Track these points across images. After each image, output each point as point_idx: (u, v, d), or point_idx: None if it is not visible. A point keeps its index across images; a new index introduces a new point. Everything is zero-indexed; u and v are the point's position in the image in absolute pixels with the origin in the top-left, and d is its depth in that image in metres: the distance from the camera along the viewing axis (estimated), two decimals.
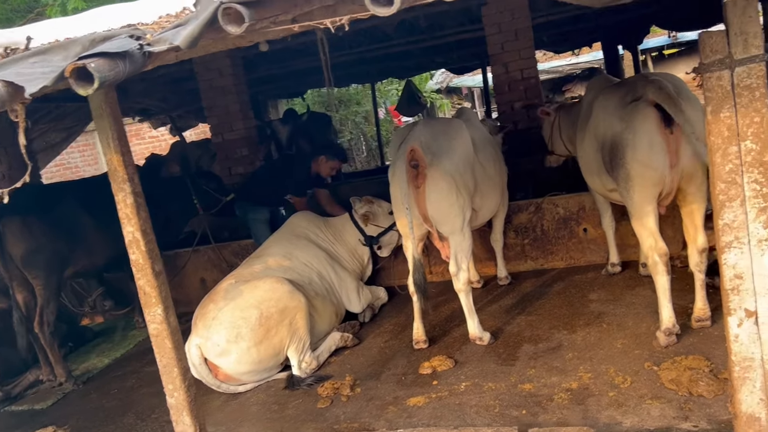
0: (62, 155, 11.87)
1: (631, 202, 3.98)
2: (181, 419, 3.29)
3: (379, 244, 5.72)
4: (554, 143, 5.63)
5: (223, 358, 4.42)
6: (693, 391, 3.40)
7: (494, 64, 7.03)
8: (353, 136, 17.49)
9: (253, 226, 6.42)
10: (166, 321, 3.22)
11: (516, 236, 6.01)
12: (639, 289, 4.96)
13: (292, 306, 4.63)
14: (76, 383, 5.25)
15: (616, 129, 3.95)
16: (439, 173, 4.27)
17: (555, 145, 5.63)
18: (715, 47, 2.49)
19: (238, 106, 7.68)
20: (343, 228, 5.71)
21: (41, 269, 5.06)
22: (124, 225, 3.17)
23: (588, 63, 15.22)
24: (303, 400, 4.23)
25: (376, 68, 10.91)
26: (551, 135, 5.64)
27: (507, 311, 5.12)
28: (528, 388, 3.82)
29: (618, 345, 4.14)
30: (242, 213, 6.47)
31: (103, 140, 3.07)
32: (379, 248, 5.74)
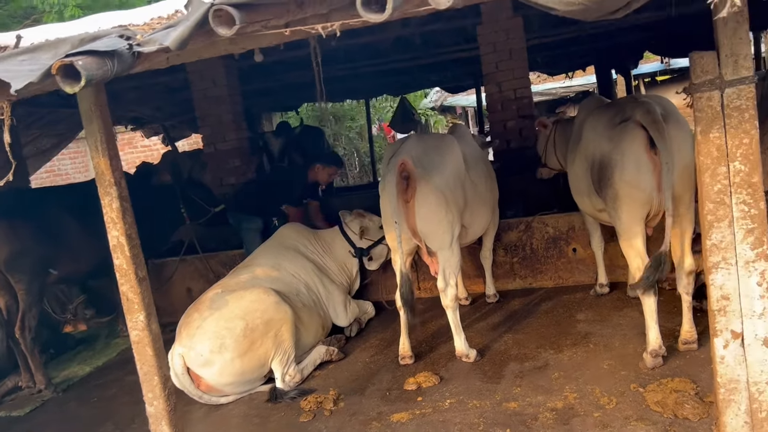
0: (53, 161, 11.80)
1: (619, 223, 3.98)
2: (160, 429, 3.23)
3: (370, 256, 5.69)
4: (548, 156, 5.66)
5: (206, 369, 4.37)
6: (678, 413, 3.38)
7: (488, 83, 7.07)
8: (346, 152, 17.50)
9: (245, 235, 6.38)
10: (148, 328, 3.18)
11: (505, 254, 6.00)
12: (627, 311, 4.95)
13: (278, 318, 4.59)
14: (55, 391, 5.17)
15: (605, 149, 3.97)
16: (429, 188, 4.26)
17: (548, 158, 5.66)
18: (706, 68, 2.50)
19: (231, 116, 7.68)
20: (333, 241, 5.69)
21: (25, 273, 5.00)
22: (109, 229, 3.13)
23: (581, 86, 15.35)
24: (285, 414, 4.18)
25: (371, 84, 10.96)
26: (546, 148, 5.66)
27: (494, 329, 5.09)
28: (513, 406, 3.79)
29: (604, 366, 4.12)
30: (236, 222, 6.44)
31: (92, 143, 3.04)
32: (369, 259, 5.71)
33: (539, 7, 1.94)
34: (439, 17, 6.95)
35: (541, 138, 5.76)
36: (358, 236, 5.64)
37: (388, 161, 4.48)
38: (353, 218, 5.70)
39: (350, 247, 5.63)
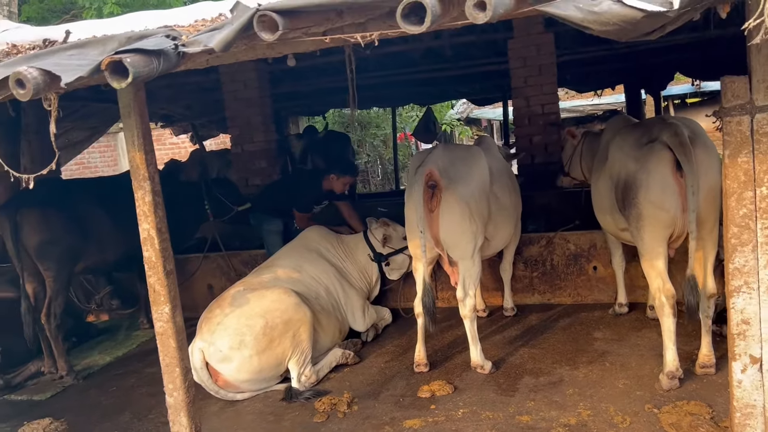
0: (83, 154, 12.03)
1: (641, 243, 3.99)
2: (178, 419, 3.30)
3: (388, 262, 5.73)
4: (572, 166, 5.69)
5: (224, 364, 4.44)
6: None
7: (516, 98, 7.10)
8: (370, 159, 17.60)
9: (266, 236, 6.46)
10: (172, 320, 3.25)
11: (525, 268, 6.01)
12: (645, 331, 4.94)
13: (297, 318, 4.65)
14: (76, 378, 5.27)
15: (631, 169, 3.98)
16: (454, 198, 4.31)
17: (573, 168, 5.68)
18: (737, 92, 2.52)
19: (260, 118, 7.80)
20: (356, 246, 5.74)
21: (54, 262, 5.12)
22: (140, 222, 3.22)
23: (610, 105, 15.28)
24: (299, 413, 4.23)
25: (398, 93, 11.03)
26: (571, 157, 5.69)
27: (510, 342, 5.10)
28: (526, 420, 3.80)
29: (620, 385, 4.12)
30: (257, 223, 6.53)
31: (129, 138, 3.13)
32: (387, 265, 5.75)
33: (575, 25, 1.98)
34: (472, 30, 7.02)
35: (568, 147, 5.78)
36: (380, 243, 5.69)
37: (414, 170, 4.53)
38: (378, 226, 5.75)
39: (371, 252, 5.68)
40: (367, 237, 5.74)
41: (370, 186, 17.07)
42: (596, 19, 1.90)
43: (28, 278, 5.20)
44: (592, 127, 5.66)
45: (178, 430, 3.31)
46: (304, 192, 6.31)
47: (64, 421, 4.41)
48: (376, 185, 17.23)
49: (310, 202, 6.31)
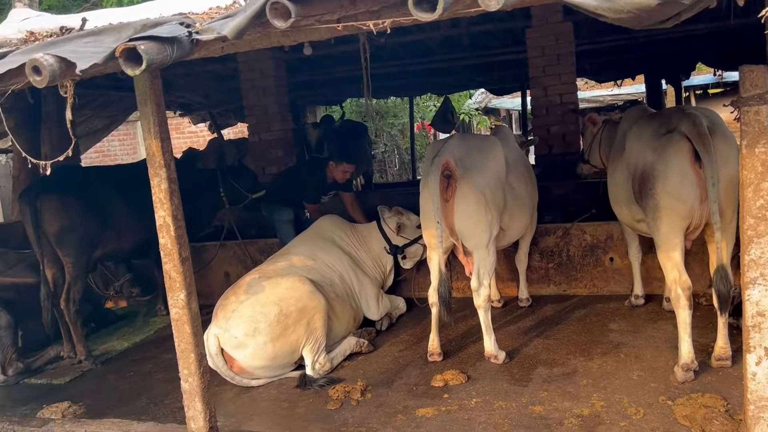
0: (102, 142, 12.16)
1: (658, 234, 3.95)
2: (193, 405, 3.34)
3: (404, 254, 5.74)
4: (591, 154, 5.63)
5: (239, 351, 4.48)
6: (706, 429, 3.35)
7: (534, 87, 7.05)
8: (387, 148, 17.58)
9: (277, 226, 6.50)
10: (188, 306, 3.29)
11: (541, 259, 5.99)
12: (661, 323, 4.91)
13: (311, 306, 4.68)
14: (94, 363, 5.35)
15: (648, 159, 3.94)
16: (469, 187, 4.29)
17: (592, 155, 5.62)
18: (756, 82, 2.49)
19: (277, 107, 7.82)
20: (370, 235, 5.76)
21: (73, 248, 5.19)
22: (156, 209, 3.25)
23: (630, 95, 15.12)
24: (313, 400, 4.26)
25: (416, 82, 11.00)
26: (591, 144, 5.63)
27: (525, 333, 5.09)
28: (539, 410, 3.80)
29: (634, 376, 4.10)
30: (268, 213, 6.56)
31: (145, 126, 3.16)
32: (403, 258, 5.77)
33: (589, 13, 1.96)
34: (489, 18, 6.97)
35: (588, 134, 5.72)
36: (394, 233, 5.69)
37: (431, 160, 4.52)
38: (391, 215, 5.75)
39: (386, 244, 5.69)
40: (381, 226, 5.74)
41: (387, 176, 17.08)
42: (610, 7, 1.88)
43: (47, 264, 5.28)
44: (612, 116, 5.57)
45: (193, 415, 3.35)
46: (309, 182, 6.32)
47: (82, 405, 4.49)
48: (393, 175, 17.22)
49: (316, 193, 6.32)
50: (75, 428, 3.80)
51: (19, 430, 3.86)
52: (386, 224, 5.73)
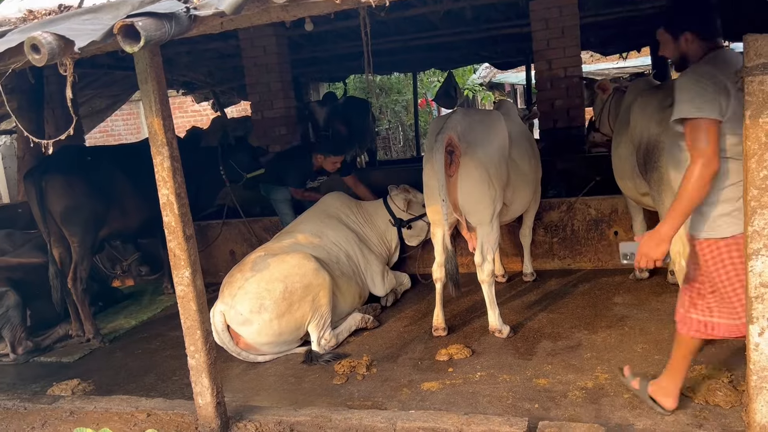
0: (106, 122, 12.19)
1: (662, 206, 3.94)
2: (200, 380, 3.37)
3: (409, 226, 5.74)
4: (602, 122, 5.62)
5: (245, 327, 4.52)
6: (710, 400, 3.37)
7: (538, 61, 6.99)
8: (391, 125, 17.51)
9: (276, 205, 6.51)
10: (192, 284, 3.30)
11: (545, 234, 5.99)
12: (665, 296, 4.91)
13: (316, 283, 4.70)
14: (102, 341, 5.40)
15: (653, 132, 3.92)
16: (472, 163, 4.28)
17: (602, 124, 5.61)
18: (760, 51, 2.45)
19: (280, 85, 7.78)
20: (375, 212, 5.76)
21: (79, 227, 5.21)
22: (159, 187, 3.25)
23: (635, 68, 14.95)
24: (319, 375, 4.30)
25: (419, 57, 10.92)
26: (601, 113, 5.62)
27: (529, 307, 5.12)
28: (543, 383, 3.83)
29: (638, 349, 4.12)
30: (265, 192, 6.54)
31: (146, 104, 3.15)
32: (409, 228, 5.76)
33: None
34: None
35: (598, 102, 5.70)
36: (402, 210, 5.69)
37: (434, 136, 4.49)
38: (398, 192, 5.75)
39: (391, 217, 5.69)
40: (387, 203, 5.74)
41: (392, 152, 17.03)
42: None
43: (54, 243, 5.31)
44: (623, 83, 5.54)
45: (200, 390, 3.39)
46: (294, 168, 6.31)
47: (91, 382, 4.55)
48: (398, 152, 17.17)
49: (300, 179, 6.31)
50: (84, 405, 3.85)
51: (30, 407, 3.92)
52: (393, 201, 5.73)
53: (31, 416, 3.82)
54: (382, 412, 3.40)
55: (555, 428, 3.01)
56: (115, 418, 3.63)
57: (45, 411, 3.84)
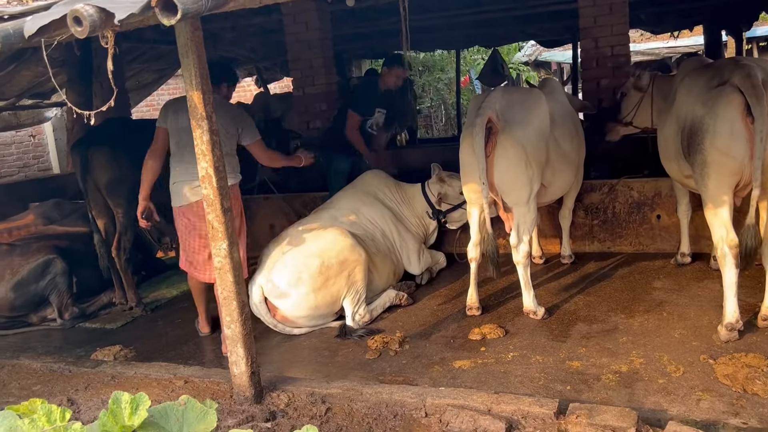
0: (153, 96, 12.37)
1: (705, 190, 3.84)
2: (235, 350, 3.45)
3: (446, 220, 5.71)
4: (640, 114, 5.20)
5: (282, 300, 4.59)
6: (748, 388, 3.30)
7: (584, 38, 6.83)
8: (433, 103, 17.38)
9: (330, 177, 6.44)
10: (229, 256, 3.36)
11: (585, 216, 5.89)
12: (707, 282, 4.81)
13: (352, 259, 4.74)
14: (145, 309, 5.56)
15: (698, 113, 3.80)
16: (509, 141, 4.23)
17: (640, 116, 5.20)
18: None
19: (321, 61, 7.77)
20: (413, 197, 5.71)
21: (123, 198, 5.33)
22: (199, 161, 3.30)
23: (687, 47, 14.47)
24: (352, 350, 4.35)
25: (463, 34, 10.75)
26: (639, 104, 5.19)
27: (566, 289, 5.07)
28: (576, 365, 3.80)
29: (676, 335, 4.05)
30: (326, 161, 6.42)
31: (187, 77, 3.19)
32: (445, 223, 5.74)
33: None
34: None
35: (632, 95, 5.28)
36: (435, 200, 5.64)
37: (473, 114, 4.45)
38: (435, 181, 5.67)
39: (428, 208, 5.67)
40: (425, 190, 5.70)
41: (433, 131, 16.93)
42: None
43: (98, 214, 5.46)
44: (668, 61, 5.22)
45: (236, 360, 3.46)
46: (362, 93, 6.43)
47: (132, 349, 4.70)
48: (439, 130, 17.07)
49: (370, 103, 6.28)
50: (125, 370, 3.98)
51: (74, 370, 4.07)
52: (429, 190, 5.69)
53: (75, 379, 3.97)
54: (412, 388, 3.42)
55: (585, 410, 2.99)
56: (154, 384, 3.75)
57: (88, 374, 3.99)
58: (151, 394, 3.59)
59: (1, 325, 5.29)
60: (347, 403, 3.33)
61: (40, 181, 8.70)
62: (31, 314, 5.39)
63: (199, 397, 3.57)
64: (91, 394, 3.74)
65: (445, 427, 3.01)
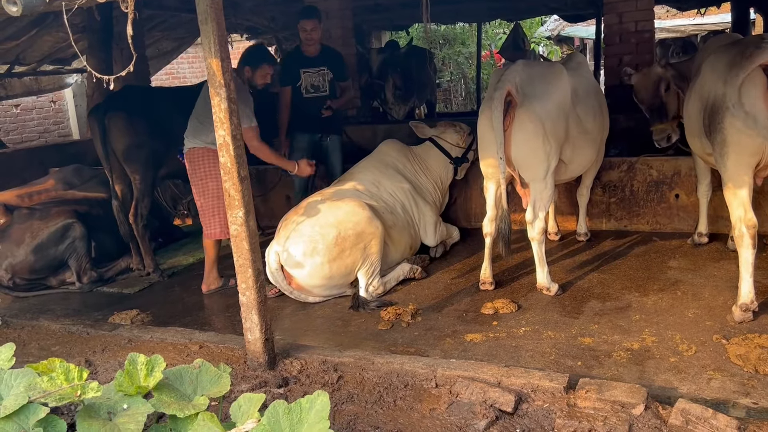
0: (172, 64, 12.39)
1: (724, 170, 3.80)
2: (250, 317, 3.49)
3: (466, 159, 5.78)
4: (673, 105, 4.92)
5: (297, 269, 4.63)
6: (760, 369, 3.30)
7: (608, 13, 6.74)
8: (453, 77, 17.23)
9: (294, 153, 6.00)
10: (246, 224, 3.39)
11: (603, 193, 5.85)
12: (723, 263, 4.78)
13: (369, 232, 4.75)
14: (161, 275, 5.63)
15: (719, 91, 3.74)
16: (527, 116, 4.19)
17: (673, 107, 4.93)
18: None
19: (340, 31, 7.74)
20: (428, 156, 5.73)
21: (140, 164, 5.38)
22: (216, 128, 3.32)
23: (714, 25, 14.17)
24: (365, 320, 4.39)
25: (484, 7, 10.63)
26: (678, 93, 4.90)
27: (580, 266, 5.06)
28: (588, 341, 3.81)
29: (689, 314, 4.04)
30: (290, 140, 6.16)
31: (205, 45, 3.19)
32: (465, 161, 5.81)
33: None
34: None
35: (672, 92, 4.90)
36: (453, 145, 5.68)
37: (493, 88, 4.41)
38: (443, 128, 5.74)
39: (446, 158, 5.70)
40: (437, 144, 5.72)
41: (452, 105, 16.81)
42: None
43: (116, 180, 5.51)
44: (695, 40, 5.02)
45: (250, 326, 3.50)
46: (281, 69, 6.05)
47: (149, 313, 4.77)
48: (458, 105, 16.94)
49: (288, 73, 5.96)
50: (142, 334, 4.06)
51: (92, 332, 4.15)
52: (443, 139, 5.71)
53: (93, 341, 4.05)
54: (423, 359, 3.46)
55: (595, 386, 3.00)
56: (170, 348, 3.82)
57: (105, 337, 4.06)
58: (167, 358, 3.63)
59: (21, 287, 5.39)
60: (359, 372, 3.37)
61: (59, 147, 8.80)
62: (51, 277, 5.49)
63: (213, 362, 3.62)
64: (108, 356, 3.82)
65: (455, 397, 3.05)
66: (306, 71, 5.85)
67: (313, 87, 5.87)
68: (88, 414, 2.16)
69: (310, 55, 5.89)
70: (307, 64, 5.85)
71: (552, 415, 2.90)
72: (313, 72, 5.86)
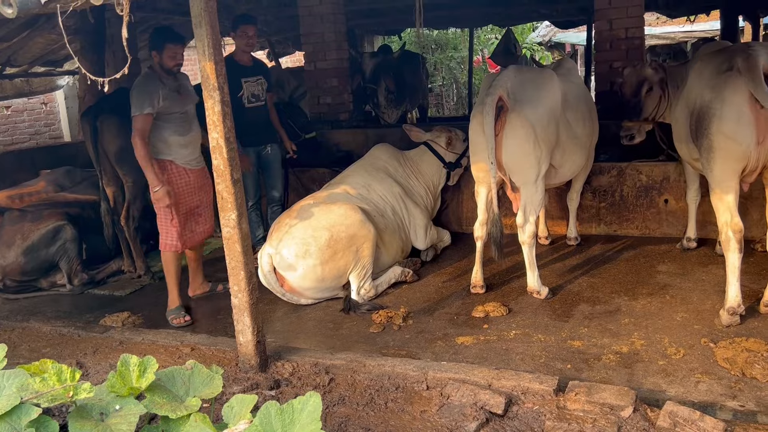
0: None
1: (711, 175, 3.85)
2: (242, 319, 3.50)
3: (459, 164, 5.81)
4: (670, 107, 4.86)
5: (289, 272, 4.65)
6: (747, 372, 3.34)
7: (598, 20, 6.78)
8: (445, 82, 17.29)
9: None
10: (238, 226, 3.41)
11: (593, 198, 5.90)
12: (711, 267, 4.83)
13: (361, 235, 4.78)
14: (153, 278, 5.62)
15: (706, 98, 3.80)
16: (519, 121, 4.23)
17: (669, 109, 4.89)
18: None
19: (333, 35, 7.74)
20: (421, 160, 5.76)
21: (132, 167, 5.33)
22: (210, 131, 3.33)
23: (703, 32, 14.31)
24: (357, 323, 4.41)
25: (477, 13, 10.71)
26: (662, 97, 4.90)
27: (570, 270, 5.09)
28: (577, 345, 3.84)
29: (678, 318, 4.08)
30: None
31: (200, 48, 3.21)
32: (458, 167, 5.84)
33: None
34: None
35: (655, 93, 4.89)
36: (445, 149, 5.72)
37: (484, 93, 4.44)
38: (439, 133, 5.78)
39: (440, 163, 5.74)
40: (432, 148, 5.76)
41: (444, 110, 16.87)
42: None
43: (107, 182, 5.51)
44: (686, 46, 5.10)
45: (242, 329, 3.52)
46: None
47: (140, 315, 4.78)
48: (450, 109, 17.00)
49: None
50: (133, 336, 4.06)
51: (83, 334, 4.15)
52: (436, 143, 5.73)
53: (84, 343, 4.05)
54: (414, 361, 3.48)
55: (585, 388, 3.04)
56: (161, 350, 3.82)
57: (97, 339, 4.06)
58: (159, 360, 3.64)
59: (12, 289, 5.37)
60: (350, 374, 3.39)
61: (51, 149, 8.76)
62: (41, 279, 5.47)
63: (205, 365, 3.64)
64: (99, 358, 3.82)
65: (446, 400, 3.07)
66: (246, 80, 5.63)
67: (254, 96, 5.68)
68: (80, 415, 2.17)
69: (245, 64, 5.69)
70: (246, 73, 5.65)
71: (542, 417, 2.93)
72: (252, 81, 5.67)
